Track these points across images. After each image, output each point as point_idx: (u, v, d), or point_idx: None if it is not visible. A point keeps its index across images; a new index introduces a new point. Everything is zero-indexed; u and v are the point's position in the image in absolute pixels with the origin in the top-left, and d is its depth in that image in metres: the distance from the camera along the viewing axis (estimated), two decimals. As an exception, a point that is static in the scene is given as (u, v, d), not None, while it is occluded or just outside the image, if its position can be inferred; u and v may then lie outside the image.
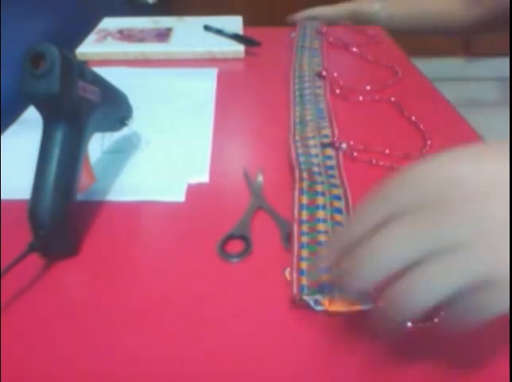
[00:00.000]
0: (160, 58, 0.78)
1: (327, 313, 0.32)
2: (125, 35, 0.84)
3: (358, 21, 0.91)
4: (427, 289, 0.23)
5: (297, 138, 0.52)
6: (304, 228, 0.39)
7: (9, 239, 0.38)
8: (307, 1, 0.99)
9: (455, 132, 0.56)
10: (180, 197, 0.45)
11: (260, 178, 0.47)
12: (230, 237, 0.40)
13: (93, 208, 0.43)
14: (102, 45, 0.79)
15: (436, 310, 0.24)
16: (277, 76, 0.70)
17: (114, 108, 0.46)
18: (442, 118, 0.59)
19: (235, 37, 0.80)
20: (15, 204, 0.38)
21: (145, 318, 0.33)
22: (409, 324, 0.30)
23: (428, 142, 0.52)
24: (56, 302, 0.34)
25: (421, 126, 0.55)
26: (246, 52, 0.78)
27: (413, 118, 0.57)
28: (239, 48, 0.78)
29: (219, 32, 0.82)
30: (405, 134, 0.55)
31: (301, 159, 0.48)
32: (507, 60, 1.68)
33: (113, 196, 0.45)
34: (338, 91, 0.64)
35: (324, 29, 0.85)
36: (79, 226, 0.40)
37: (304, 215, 0.40)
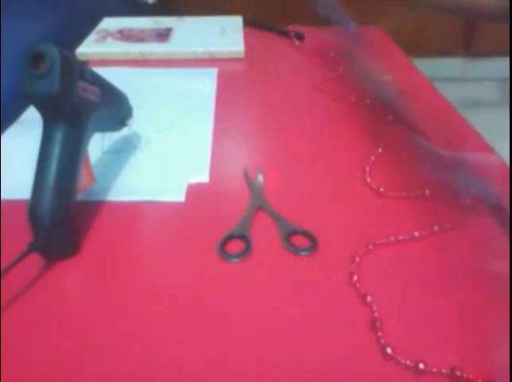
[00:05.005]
0: (160, 58, 0.78)
1: None
2: (125, 35, 0.84)
3: None
4: None
5: None
6: None
7: (9, 239, 0.38)
8: (306, 1, 0.98)
9: (456, 132, 0.56)
10: (180, 197, 0.45)
11: (260, 178, 0.47)
12: (230, 237, 0.40)
13: (93, 208, 0.43)
14: (102, 45, 0.79)
15: None
16: (277, 76, 0.70)
17: (114, 108, 0.46)
18: (442, 118, 0.59)
19: (281, 32, 0.85)
20: (15, 204, 0.38)
21: (145, 318, 0.33)
22: None
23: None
24: (56, 302, 0.34)
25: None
26: (246, 52, 0.78)
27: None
28: (239, 48, 0.78)
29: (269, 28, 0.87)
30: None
31: None
32: (507, 60, 1.68)
33: (113, 196, 0.45)
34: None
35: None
36: (79, 226, 0.40)
37: None
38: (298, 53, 0.78)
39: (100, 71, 0.41)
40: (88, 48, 0.79)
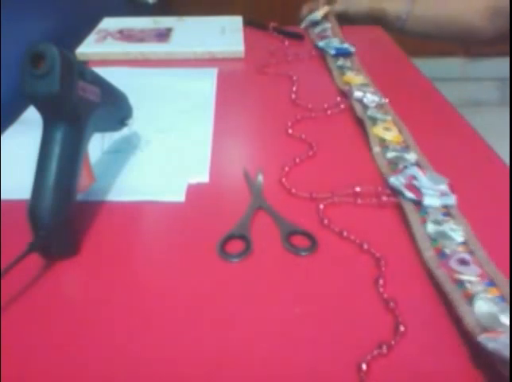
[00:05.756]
0: (160, 58, 0.78)
1: None
2: (125, 35, 0.84)
3: (381, 22, 0.87)
4: None
5: None
6: None
7: (9, 239, 0.38)
8: (306, 1, 0.98)
9: (456, 132, 0.56)
10: (180, 197, 0.45)
11: (260, 178, 0.47)
12: (230, 237, 0.40)
13: (93, 208, 0.43)
14: (102, 45, 0.79)
15: None
16: (277, 76, 0.70)
17: (114, 108, 0.46)
18: (442, 118, 0.59)
19: (282, 32, 0.86)
20: (15, 204, 0.38)
21: (145, 318, 0.33)
22: None
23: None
24: (56, 302, 0.34)
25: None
26: (246, 52, 0.78)
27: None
28: (239, 48, 0.78)
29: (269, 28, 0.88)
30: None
31: None
32: (507, 60, 1.68)
33: (113, 196, 0.45)
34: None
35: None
36: (79, 226, 0.40)
37: None
38: (298, 53, 0.78)
39: (100, 71, 0.41)
40: (88, 48, 0.79)
